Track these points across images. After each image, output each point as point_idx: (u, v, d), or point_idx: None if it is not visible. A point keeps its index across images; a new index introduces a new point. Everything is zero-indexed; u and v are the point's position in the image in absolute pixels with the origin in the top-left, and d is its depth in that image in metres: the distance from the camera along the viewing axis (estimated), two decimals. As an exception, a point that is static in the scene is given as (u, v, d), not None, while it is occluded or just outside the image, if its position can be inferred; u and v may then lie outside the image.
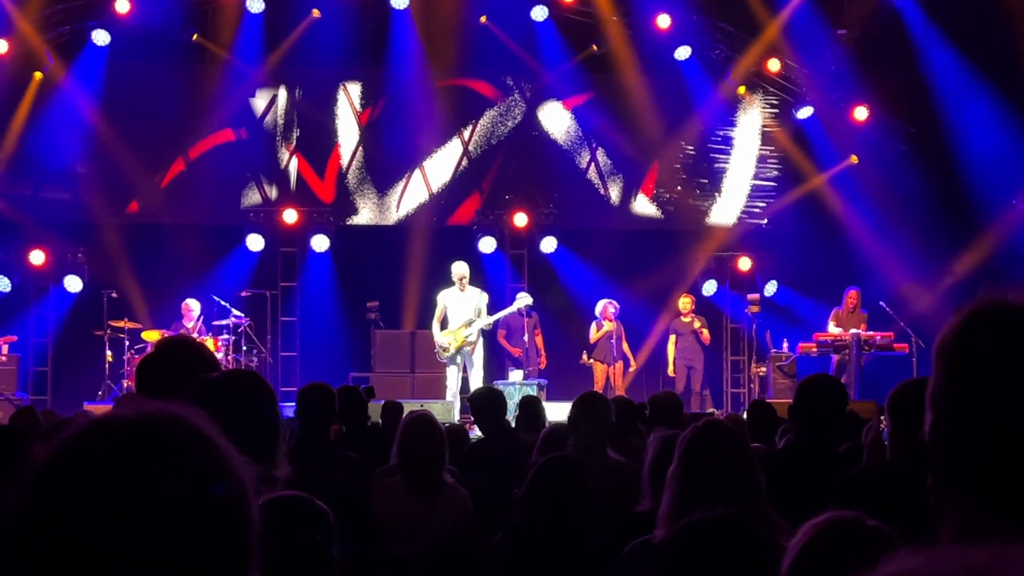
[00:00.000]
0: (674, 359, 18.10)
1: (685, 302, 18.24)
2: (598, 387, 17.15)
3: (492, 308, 17.44)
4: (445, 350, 16.37)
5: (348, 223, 19.89)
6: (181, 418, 1.49)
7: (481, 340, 16.52)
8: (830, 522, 2.49)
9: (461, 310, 16.38)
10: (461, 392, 16.14)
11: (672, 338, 18.17)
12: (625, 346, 17.72)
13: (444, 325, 16.50)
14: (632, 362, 17.92)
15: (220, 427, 1.96)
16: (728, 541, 3.17)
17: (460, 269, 16.53)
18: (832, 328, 17.13)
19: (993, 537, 1.37)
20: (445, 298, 16.54)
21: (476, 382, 16.01)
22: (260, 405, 2.77)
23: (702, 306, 18.87)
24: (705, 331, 18.07)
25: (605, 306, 17.51)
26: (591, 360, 17.72)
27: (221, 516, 1.47)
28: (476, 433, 9.17)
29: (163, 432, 1.47)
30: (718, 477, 3.90)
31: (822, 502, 3.86)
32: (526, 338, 17.30)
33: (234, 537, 1.48)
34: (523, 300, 16.92)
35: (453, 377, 16.43)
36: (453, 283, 16.55)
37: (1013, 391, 1.64)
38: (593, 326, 17.64)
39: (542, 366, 17.46)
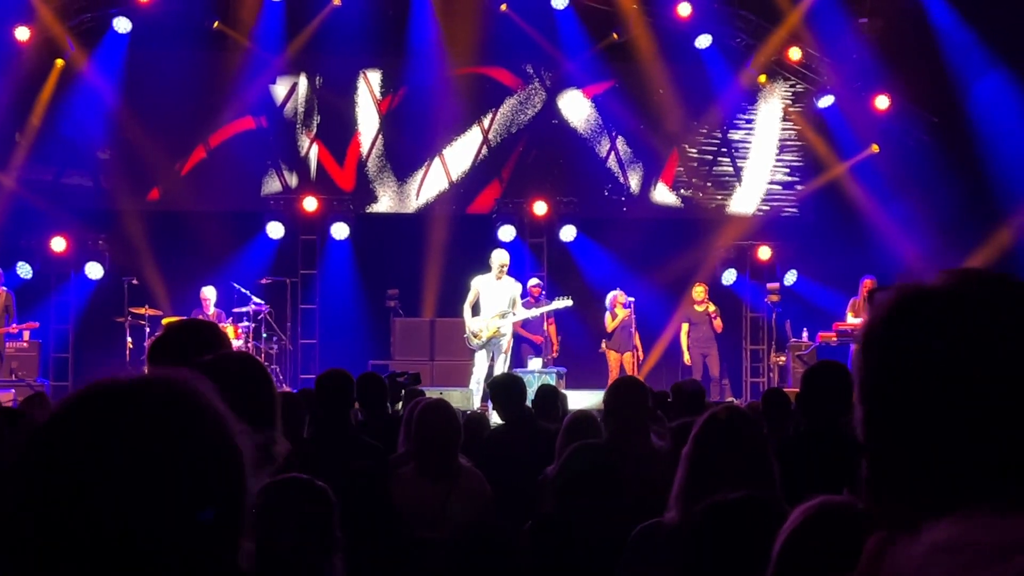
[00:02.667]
0: (688, 347, 18.09)
1: (699, 291, 18.21)
2: (612, 375, 17.18)
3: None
4: (476, 336, 15.90)
5: (368, 211, 19.92)
6: (176, 383, 1.53)
7: (511, 333, 16.29)
8: (820, 507, 2.49)
9: (495, 298, 15.90)
10: (484, 381, 16.07)
11: (685, 326, 18.13)
12: (635, 336, 17.67)
13: (475, 311, 16.05)
14: (639, 352, 17.80)
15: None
16: (753, 522, 3.18)
17: (502, 258, 15.96)
18: (850, 318, 17.08)
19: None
20: (480, 283, 15.98)
21: (500, 370, 15.90)
22: (255, 384, 2.79)
23: (722, 295, 18.85)
24: (718, 320, 18.03)
25: (615, 296, 17.50)
26: (604, 348, 17.75)
27: (213, 478, 1.49)
28: (496, 420, 9.17)
29: (155, 395, 1.51)
30: (732, 463, 3.91)
31: (830, 489, 3.85)
32: (546, 327, 17.32)
33: (227, 498, 1.51)
34: (563, 302, 16.75)
35: (481, 365, 15.95)
36: (489, 270, 15.97)
37: (944, 376, 1.61)
38: (607, 315, 17.63)
39: (554, 354, 17.45)
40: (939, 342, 1.64)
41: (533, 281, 17.57)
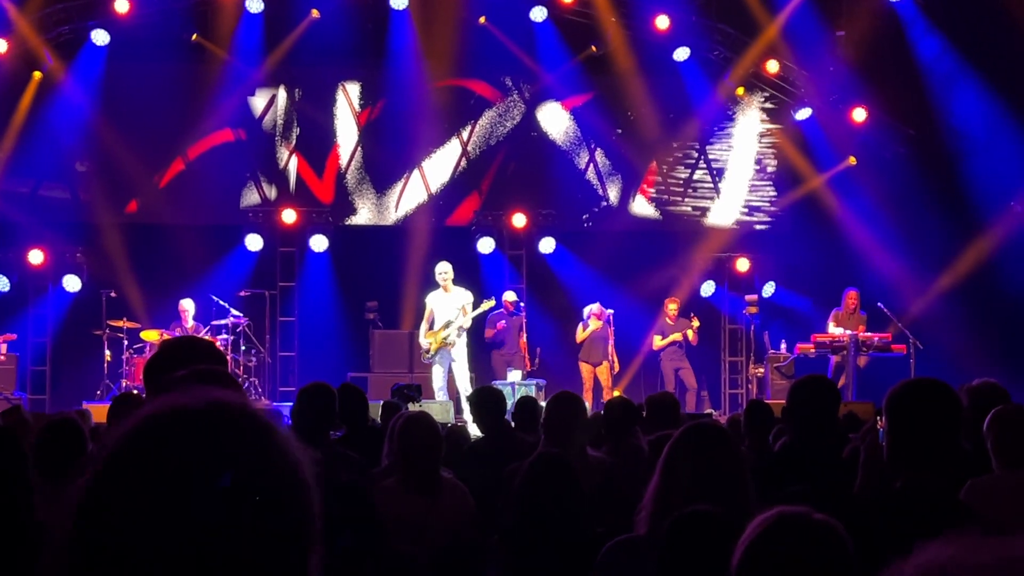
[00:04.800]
0: (661, 361, 18.15)
1: (672, 307, 18.23)
2: (585, 387, 17.22)
3: (491, 310, 17.60)
4: (427, 352, 16.53)
5: (347, 223, 19.90)
6: (245, 406, 1.54)
7: (464, 338, 16.51)
8: (778, 518, 2.50)
9: (445, 311, 16.46)
10: (449, 390, 16.28)
11: (657, 338, 18.15)
12: (611, 348, 17.65)
13: (432, 327, 16.57)
14: (615, 365, 17.82)
15: None
16: (723, 535, 3.21)
17: (441, 268, 16.60)
18: (832, 329, 17.13)
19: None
20: (431, 300, 16.64)
21: (461, 378, 16.31)
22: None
23: (700, 307, 18.92)
24: (690, 332, 18.00)
25: (590, 309, 17.57)
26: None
27: (285, 499, 1.51)
28: (475, 432, 9.16)
29: (228, 419, 1.51)
30: (705, 477, 3.95)
31: (819, 502, 3.89)
32: (516, 337, 17.36)
33: (296, 519, 1.52)
34: (485, 304, 16.84)
35: (438, 376, 16.55)
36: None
37: None
38: (580, 327, 17.69)
39: (527, 368, 17.45)
40: None
41: (508, 295, 17.63)
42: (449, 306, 16.44)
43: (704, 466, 3.97)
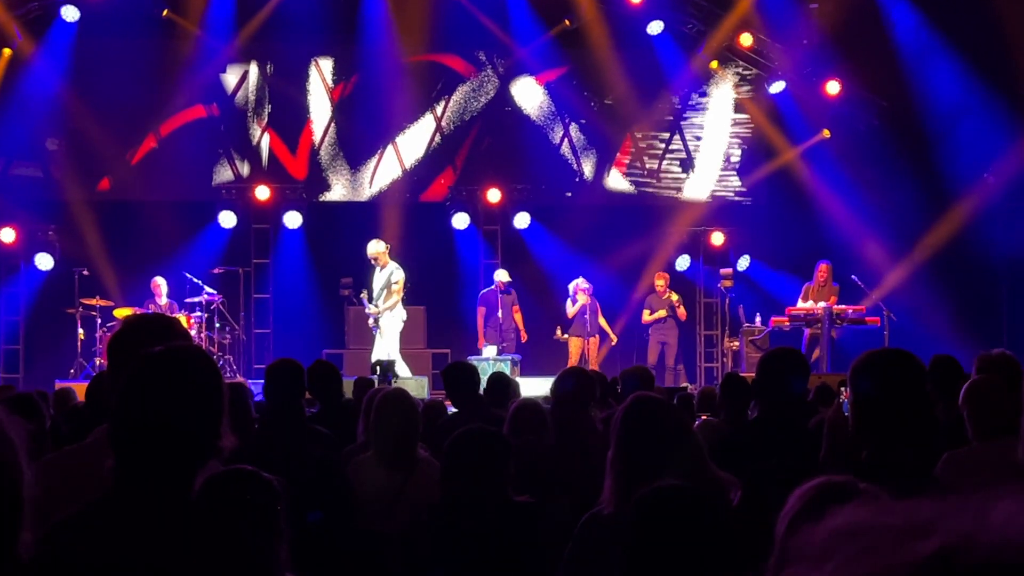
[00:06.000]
0: (649, 336, 18.19)
1: (660, 282, 18.26)
2: (572, 361, 17.25)
3: (466, 286, 17.63)
4: (371, 329, 16.79)
5: (321, 199, 19.84)
6: None
7: (390, 316, 16.52)
8: (821, 487, 2.48)
9: (375, 289, 16.64)
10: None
11: (645, 312, 18.21)
12: (602, 321, 17.81)
13: None
14: (611, 336, 17.97)
15: (165, 398, 2.23)
16: (681, 510, 3.21)
17: (369, 248, 16.72)
18: (801, 303, 17.17)
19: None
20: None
21: (375, 354, 16.21)
22: (202, 377, 2.77)
23: (676, 281, 18.94)
24: (681, 308, 18.10)
25: (577, 284, 17.59)
26: (566, 336, 17.80)
27: None
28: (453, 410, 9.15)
29: None
30: (654, 449, 3.97)
31: (787, 472, 3.89)
32: (500, 314, 17.38)
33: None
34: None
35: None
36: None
37: None
38: (568, 302, 17.71)
39: (523, 340, 17.58)
40: None
41: (500, 274, 17.69)
42: (375, 284, 16.66)
43: (649, 437, 3.99)
